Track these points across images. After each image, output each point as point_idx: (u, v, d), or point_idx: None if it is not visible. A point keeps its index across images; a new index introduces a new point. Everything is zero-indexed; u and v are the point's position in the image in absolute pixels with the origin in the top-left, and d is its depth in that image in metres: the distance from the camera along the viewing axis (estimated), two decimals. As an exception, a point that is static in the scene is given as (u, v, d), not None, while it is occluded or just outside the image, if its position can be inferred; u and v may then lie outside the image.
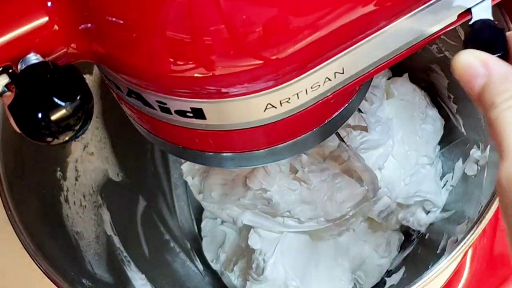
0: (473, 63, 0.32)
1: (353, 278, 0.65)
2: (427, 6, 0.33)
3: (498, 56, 0.33)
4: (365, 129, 0.61)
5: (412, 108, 0.64)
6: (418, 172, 0.64)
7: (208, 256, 0.70)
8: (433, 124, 0.65)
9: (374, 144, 0.62)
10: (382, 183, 0.62)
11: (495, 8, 0.47)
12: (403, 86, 0.65)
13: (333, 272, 0.64)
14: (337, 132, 0.53)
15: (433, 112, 0.65)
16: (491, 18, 0.34)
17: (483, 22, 0.34)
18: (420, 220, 0.65)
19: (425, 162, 0.64)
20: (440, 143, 0.66)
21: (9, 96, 0.30)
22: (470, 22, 0.34)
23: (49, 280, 0.46)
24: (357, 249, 0.65)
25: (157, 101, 0.33)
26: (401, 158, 0.63)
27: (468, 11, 0.35)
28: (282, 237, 0.61)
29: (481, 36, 0.34)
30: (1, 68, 0.30)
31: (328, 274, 0.64)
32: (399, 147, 0.63)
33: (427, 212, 0.65)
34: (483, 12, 0.34)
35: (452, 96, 0.64)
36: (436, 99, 0.66)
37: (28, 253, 0.46)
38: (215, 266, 0.69)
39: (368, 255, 0.65)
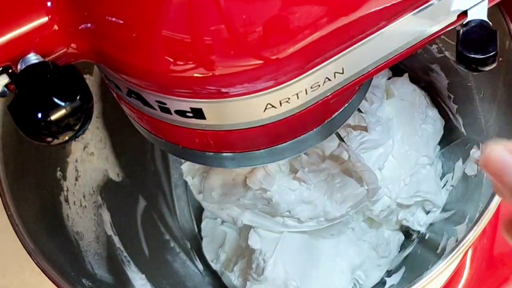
0: (505, 158, 0.31)
1: (353, 278, 0.65)
2: (426, 7, 0.33)
3: (490, 56, 0.33)
4: (365, 129, 0.61)
5: (412, 108, 0.64)
6: (418, 172, 0.64)
7: (208, 256, 0.70)
8: (433, 124, 0.65)
9: (374, 144, 0.62)
10: (382, 183, 0.62)
11: (495, 8, 0.48)
12: (403, 86, 0.65)
13: (333, 272, 0.64)
14: (337, 132, 0.53)
15: (433, 113, 0.65)
16: (485, 19, 0.34)
17: (476, 23, 0.34)
18: (420, 220, 0.65)
19: (425, 162, 0.64)
20: (440, 143, 0.66)
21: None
22: (464, 22, 0.35)
23: (49, 280, 0.46)
24: (357, 249, 0.65)
25: (157, 101, 0.33)
26: (401, 158, 0.63)
27: (466, 12, 0.35)
28: (282, 237, 0.61)
29: (474, 36, 0.34)
30: (1, 68, 0.30)
31: (328, 274, 0.64)
32: (399, 147, 0.63)
33: (427, 212, 0.65)
34: (478, 13, 0.35)
35: (452, 96, 0.64)
36: (436, 99, 0.66)
37: (28, 253, 0.46)
38: (215, 266, 0.69)
39: (368, 255, 0.65)
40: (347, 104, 0.39)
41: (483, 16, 0.35)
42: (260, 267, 0.61)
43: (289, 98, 0.33)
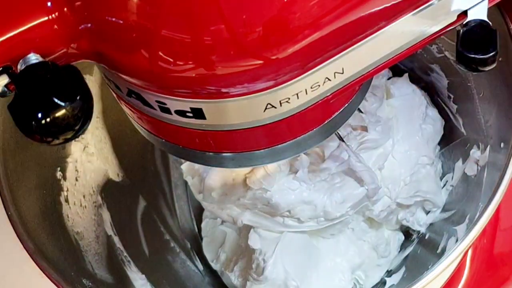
0: None
1: (353, 278, 0.65)
2: (426, 7, 0.33)
3: (490, 56, 0.33)
4: (365, 129, 0.61)
5: (412, 108, 0.64)
6: (418, 172, 0.64)
7: (208, 256, 0.70)
8: (433, 125, 0.65)
9: (374, 144, 0.62)
10: (382, 183, 0.62)
11: (495, 8, 0.48)
12: (403, 86, 0.65)
13: (333, 272, 0.64)
14: (337, 132, 0.53)
15: (433, 112, 0.65)
16: (485, 19, 0.35)
17: (476, 23, 0.34)
18: (420, 220, 0.65)
19: (425, 162, 0.64)
20: (440, 143, 0.66)
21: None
22: (464, 22, 0.35)
23: (49, 280, 0.46)
24: (357, 249, 0.65)
25: (157, 101, 0.33)
26: (401, 158, 0.63)
27: (466, 12, 0.35)
28: (282, 237, 0.61)
29: (474, 36, 0.34)
30: (1, 68, 0.30)
31: (328, 274, 0.64)
32: (399, 147, 0.63)
33: (427, 212, 0.65)
34: (478, 13, 0.35)
35: (452, 96, 0.64)
36: (436, 99, 0.66)
37: (28, 253, 0.46)
38: (215, 266, 0.69)
39: (368, 255, 0.65)
40: (347, 104, 0.39)
41: (483, 16, 0.35)
42: (260, 267, 0.61)
43: (289, 98, 0.33)
